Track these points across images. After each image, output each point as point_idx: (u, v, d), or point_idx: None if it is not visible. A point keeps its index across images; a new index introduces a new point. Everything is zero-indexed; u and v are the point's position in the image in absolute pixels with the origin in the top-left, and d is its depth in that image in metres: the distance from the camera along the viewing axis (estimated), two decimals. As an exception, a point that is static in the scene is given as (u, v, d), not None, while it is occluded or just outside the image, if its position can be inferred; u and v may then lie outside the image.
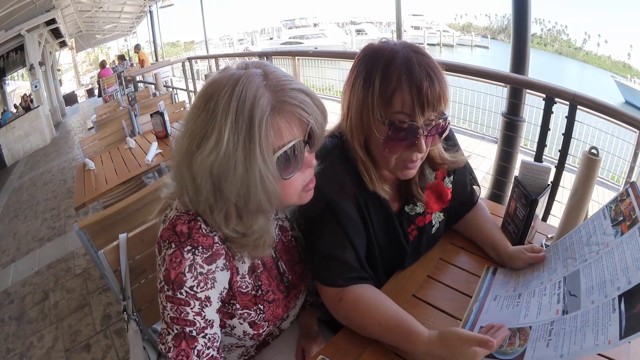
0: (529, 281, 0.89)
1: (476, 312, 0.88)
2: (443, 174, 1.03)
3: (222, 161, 0.63)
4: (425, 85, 0.76)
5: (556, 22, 31.57)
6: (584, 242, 0.84)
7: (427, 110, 0.78)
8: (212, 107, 0.64)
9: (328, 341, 0.89)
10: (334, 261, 0.88)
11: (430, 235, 1.07)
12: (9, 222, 4.63)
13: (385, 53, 0.80)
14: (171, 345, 0.71)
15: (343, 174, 0.89)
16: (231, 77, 0.65)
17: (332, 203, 0.87)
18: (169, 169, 2.50)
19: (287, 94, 0.66)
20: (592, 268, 0.77)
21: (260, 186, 0.65)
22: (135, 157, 2.78)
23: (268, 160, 0.64)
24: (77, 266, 3.09)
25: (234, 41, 37.66)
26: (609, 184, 3.19)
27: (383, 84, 0.78)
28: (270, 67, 0.69)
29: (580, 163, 0.99)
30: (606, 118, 2.17)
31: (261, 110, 0.63)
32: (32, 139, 8.79)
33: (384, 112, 0.80)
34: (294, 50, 9.71)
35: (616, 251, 0.74)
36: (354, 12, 46.26)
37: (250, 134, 0.62)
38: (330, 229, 0.88)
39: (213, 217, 0.70)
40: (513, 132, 2.88)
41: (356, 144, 0.87)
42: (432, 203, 1.03)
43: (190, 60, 6.27)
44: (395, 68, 0.77)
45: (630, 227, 0.74)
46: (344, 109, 0.89)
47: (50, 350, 2.25)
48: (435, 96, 0.77)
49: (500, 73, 2.62)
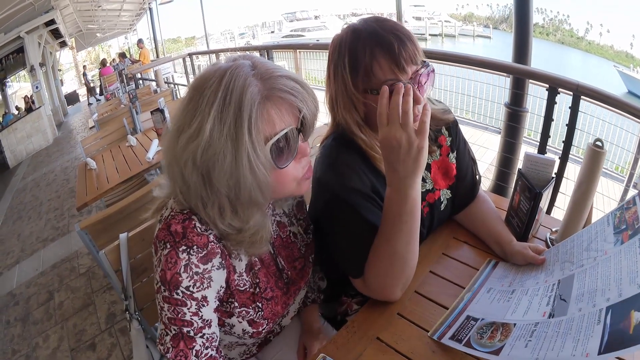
0: (526, 279, 0.89)
1: (466, 302, 0.89)
2: (447, 150, 1.08)
3: (208, 149, 0.63)
4: (396, 47, 0.81)
5: (558, 11, 31.26)
6: (584, 246, 0.84)
7: (408, 66, 0.82)
8: (198, 97, 0.64)
9: (329, 338, 0.89)
10: (358, 249, 0.89)
11: (440, 212, 1.10)
12: (13, 223, 4.66)
13: (348, 36, 0.86)
14: (169, 345, 0.70)
15: (345, 166, 0.90)
16: (219, 69, 0.65)
17: (340, 195, 0.88)
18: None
19: (277, 81, 0.65)
20: (587, 274, 0.76)
21: (250, 176, 0.64)
22: (137, 155, 2.79)
23: (259, 149, 0.64)
24: (81, 265, 3.10)
25: (235, 35, 37.52)
26: (613, 174, 3.16)
27: (356, 61, 0.84)
28: (259, 59, 0.69)
29: (585, 155, 0.97)
30: (610, 108, 2.15)
31: (251, 99, 0.62)
32: (34, 140, 8.82)
33: (372, 83, 0.84)
34: (294, 44, 9.65)
35: (613, 260, 0.72)
36: (355, 4, 45.86)
37: (239, 123, 0.62)
38: (346, 219, 0.89)
39: (207, 212, 0.69)
40: (516, 122, 2.85)
41: (354, 127, 0.90)
42: (439, 179, 1.08)
43: (191, 55, 6.26)
44: (363, 44, 0.83)
45: (632, 237, 0.72)
46: (331, 100, 0.92)
47: (55, 350, 2.27)
48: (409, 52, 0.82)
49: (503, 63, 2.59)
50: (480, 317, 0.81)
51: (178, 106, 0.69)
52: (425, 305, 0.92)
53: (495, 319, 0.79)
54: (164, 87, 6.15)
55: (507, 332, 0.74)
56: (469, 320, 0.82)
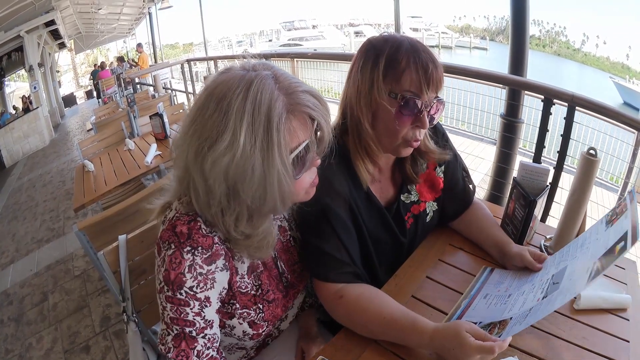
0: (522, 284, 0.91)
1: (463, 308, 0.91)
2: (434, 164, 1.10)
3: (239, 163, 0.63)
4: (431, 68, 0.85)
5: (554, 23, 31.64)
6: (579, 244, 0.87)
7: (431, 90, 0.87)
8: (225, 108, 0.63)
9: (327, 342, 0.89)
10: (329, 257, 0.91)
11: (425, 224, 1.11)
12: (8, 223, 4.62)
13: (391, 41, 0.89)
14: (171, 345, 0.71)
15: (333, 173, 0.92)
16: (242, 79, 0.65)
17: (324, 205, 0.90)
18: (168, 171, 2.51)
19: (299, 96, 0.68)
20: (579, 260, 0.81)
21: (277, 187, 0.66)
22: (135, 159, 2.78)
23: (286, 161, 0.66)
24: (76, 268, 3.08)
25: (232, 43, 37.64)
26: (607, 184, 3.19)
27: (392, 64, 0.86)
28: (278, 70, 0.70)
29: (579, 164, 0.99)
30: (605, 119, 2.18)
31: (278, 113, 0.64)
32: (31, 140, 8.77)
33: (395, 88, 0.87)
34: (292, 52, 9.69)
35: (602, 239, 0.78)
36: (352, 14, 46.33)
37: (269, 136, 0.63)
38: (324, 229, 0.91)
39: (224, 219, 0.70)
40: (512, 133, 2.88)
41: (365, 122, 0.92)
42: (425, 192, 1.10)
43: (189, 62, 6.26)
44: (404, 51, 0.86)
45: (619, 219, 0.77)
46: (352, 96, 0.93)
47: (49, 351, 2.25)
48: (437, 78, 0.87)
49: (499, 74, 2.63)
50: (478, 321, 0.83)
51: (197, 115, 0.67)
52: (422, 309, 0.93)
53: (492, 320, 0.81)
54: (162, 93, 6.16)
55: (504, 325, 0.77)
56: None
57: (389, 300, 0.88)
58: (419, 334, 0.78)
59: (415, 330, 0.79)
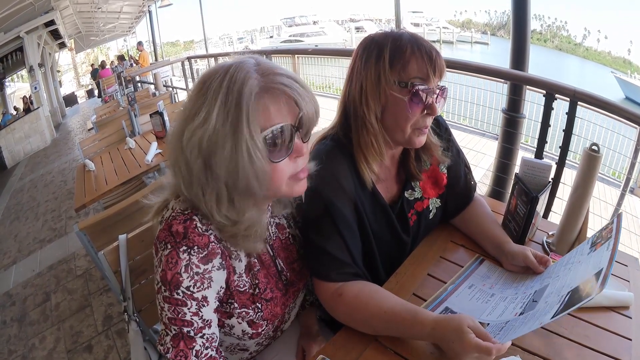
0: (507, 287, 0.93)
1: (448, 292, 0.94)
2: (438, 161, 1.10)
3: (211, 136, 0.66)
4: (435, 54, 0.87)
5: (556, 18, 31.49)
6: (564, 263, 0.88)
7: (436, 76, 0.88)
8: (205, 89, 0.68)
9: (328, 341, 0.89)
10: (329, 257, 0.91)
11: (428, 221, 1.12)
12: (10, 223, 4.63)
13: (391, 34, 0.91)
14: (170, 345, 0.71)
15: (338, 171, 0.92)
16: (225, 64, 0.69)
17: (328, 204, 0.90)
18: (168, 169, 2.50)
19: (276, 77, 0.69)
20: (559, 280, 0.81)
21: (248, 162, 0.66)
22: (135, 158, 2.78)
23: (255, 137, 0.66)
24: (79, 267, 3.09)
25: (233, 40, 37.64)
26: (610, 180, 3.17)
27: (398, 53, 0.88)
28: (264, 59, 0.73)
29: (581, 160, 0.98)
30: (607, 114, 2.16)
31: (249, 89, 0.66)
32: (32, 140, 8.79)
33: (403, 77, 0.88)
34: (293, 49, 9.69)
35: (584, 263, 0.78)
36: (353, 10, 46.09)
37: (238, 109, 0.65)
38: (327, 228, 0.91)
39: (205, 200, 0.71)
40: (513, 128, 2.86)
41: (372, 116, 0.92)
42: (429, 188, 1.10)
43: (190, 59, 6.26)
44: (406, 41, 0.88)
45: (603, 244, 0.78)
46: (355, 91, 0.93)
47: (52, 351, 2.26)
48: (441, 65, 0.89)
49: (501, 69, 2.61)
50: (457, 312, 0.86)
51: (186, 99, 0.73)
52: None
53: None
54: (163, 91, 6.15)
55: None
56: (447, 312, 0.87)
57: (388, 294, 0.88)
58: (420, 325, 0.79)
59: (417, 322, 0.79)
